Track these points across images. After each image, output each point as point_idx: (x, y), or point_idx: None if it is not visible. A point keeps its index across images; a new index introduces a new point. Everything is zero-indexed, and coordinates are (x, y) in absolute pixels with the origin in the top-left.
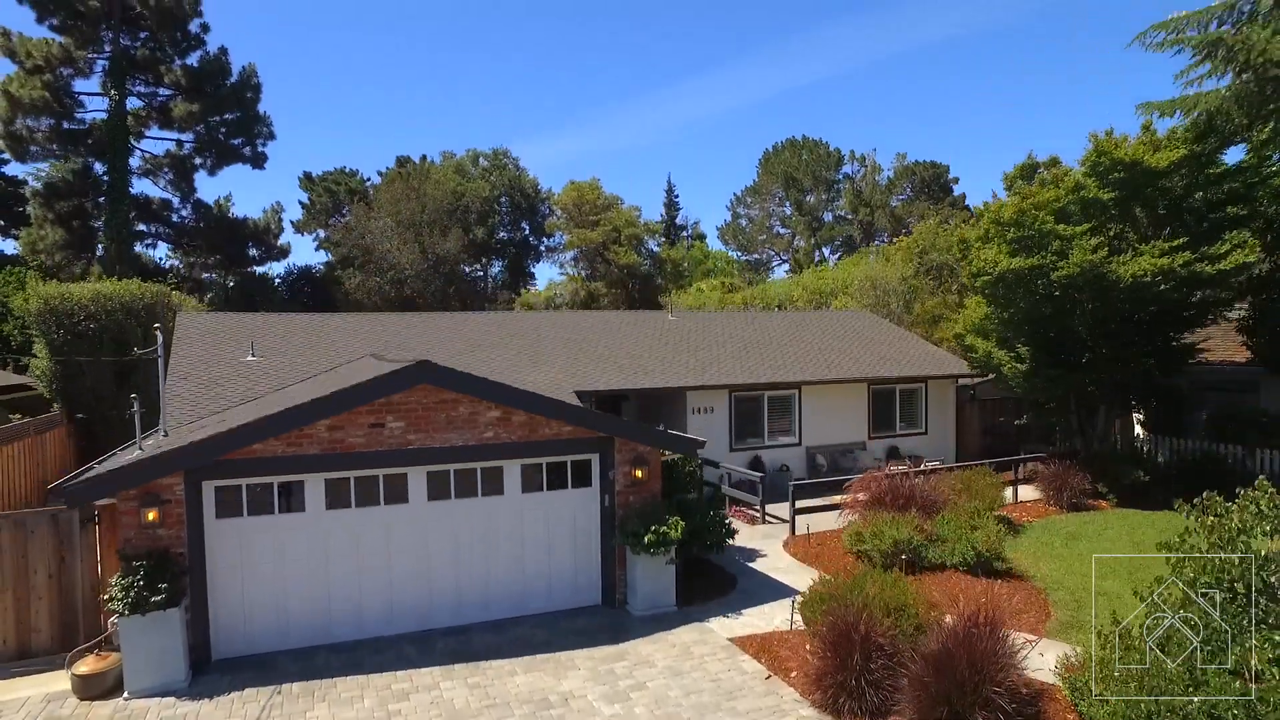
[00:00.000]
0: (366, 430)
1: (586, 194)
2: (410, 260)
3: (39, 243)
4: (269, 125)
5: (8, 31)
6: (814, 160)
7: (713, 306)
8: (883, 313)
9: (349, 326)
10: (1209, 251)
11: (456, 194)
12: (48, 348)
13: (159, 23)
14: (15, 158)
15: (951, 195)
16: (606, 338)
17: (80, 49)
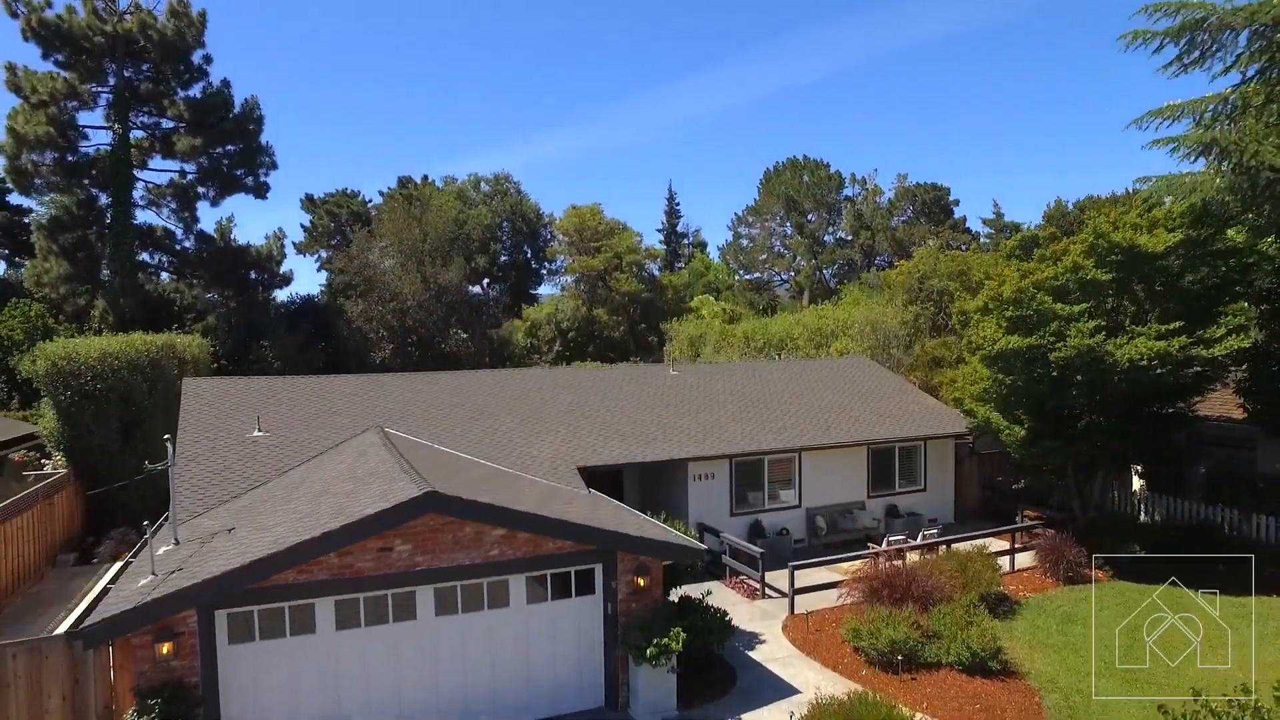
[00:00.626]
0: (375, 555)
1: (588, 220)
2: (412, 290)
3: (43, 275)
4: (271, 155)
5: (13, 66)
6: (815, 183)
7: (714, 337)
8: (883, 356)
9: (353, 391)
10: (1205, 335)
11: (459, 221)
12: (55, 409)
13: (162, 55)
14: (20, 191)
15: (952, 218)
16: (608, 400)
17: (84, 83)
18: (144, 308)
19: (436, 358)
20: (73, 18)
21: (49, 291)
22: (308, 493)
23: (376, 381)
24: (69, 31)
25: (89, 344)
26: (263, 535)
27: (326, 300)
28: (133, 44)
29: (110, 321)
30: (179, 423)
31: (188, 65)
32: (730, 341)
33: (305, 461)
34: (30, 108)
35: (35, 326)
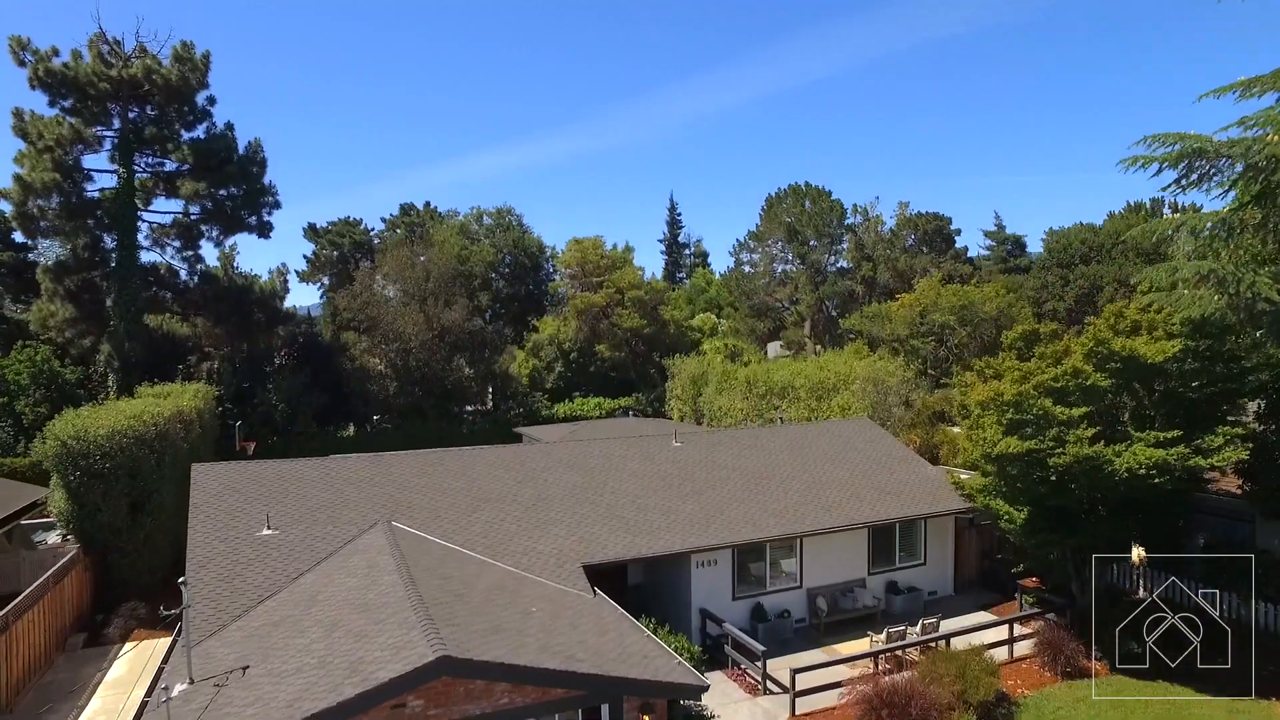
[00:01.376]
0: (388, 712)
1: (589, 253)
2: (415, 330)
3: (49, 319)
4: (274, 194)
5: (20, 111)
6: (817, 212)
7: (716, 377)
8: (883, 410)
9: (360, 476)
10: (1204, 444)
11: (461, 258)
12: (65, 489)
13: (166, 98)
14: (26, 235)
15: (954, 247)
16: (612, 480)
17: (89, 126)
18: (149, 349)
19: (440, 396)
20: (79, 64)
21: (55, 335)
22: (319, 620)
23: (383, 464)
24: (75, 79)
25: (97, 420)
26: (277, 687)
27: (329, 339)
28: (137, 88)
29: (116, 366)
30: (189, 516)
31: (191, 107)
32: (732, 384)
33: (317, 564)
34: (36, 152)
35: (41, 371)
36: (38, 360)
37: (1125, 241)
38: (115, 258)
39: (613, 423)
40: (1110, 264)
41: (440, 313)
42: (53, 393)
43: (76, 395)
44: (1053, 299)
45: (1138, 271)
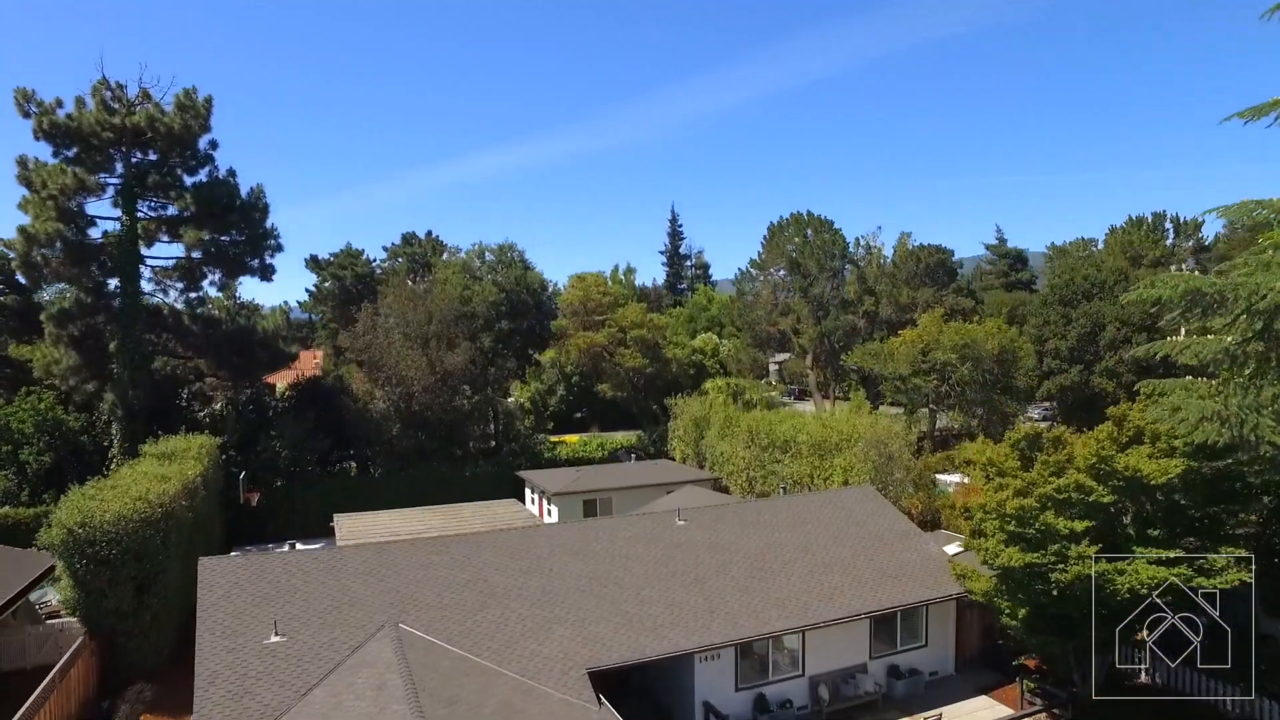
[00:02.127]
0: None
1: (592, 291)
2: (418, 375)
3: (53, 366)
4: (276, 237)
5: (25, 160)
6: (819, 245)
7: (718, 421)
8: (885, 475)
9: (366, 570)
10: (1207, 564)
11: (463, 299)
12: (71, 577)
13: (168, 145)
14: (31, 284)
15: (956, 280)
16: (616, 569)
17: (92, 173)
18: (153, 395)
19: (443, 438)
20: (83, 115)
21: (59, 383)
22: None
23: (388, 556)
24: (79, 129)
25: (103, 504)
26: None
27: (332, 381)
28: (140, 135)
29: (119, 415)
30: (196, 618)
31: (194, 152)
32: (735, 430)
33: (325, 676)
34: (40, 200)
35: (46, 420)
36: (41, 408)
37: (1128, 279)
38: (119, 304)
39: (615, 469)
40: (1113, 302)
41: (443, 356)
42: (57, 440)
43: (80, 443)
44: (1054, 337)
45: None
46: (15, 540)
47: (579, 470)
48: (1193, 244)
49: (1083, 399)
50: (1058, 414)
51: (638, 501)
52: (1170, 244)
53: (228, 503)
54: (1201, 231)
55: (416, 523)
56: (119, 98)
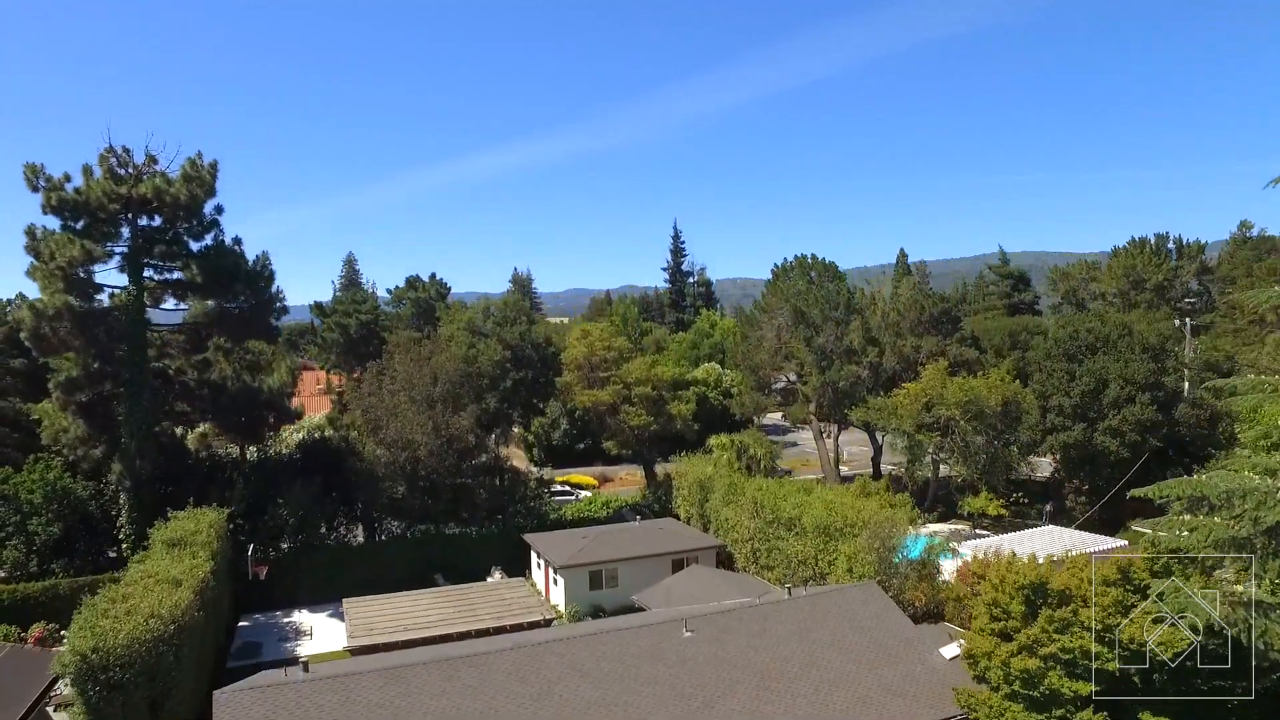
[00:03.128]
0: None
1: (596, 345)
2: (424, 439)
3: (60, 435)
4: (281, 300)
5: (33, 230)
6: (823, 296)
7: (722, 487)
8: (888, 568)
9: (380, 699)
10: None
11: (468, 360)
12: (84, 705)
13: (174, 214)
14: (39, 353)
15: (960, 330)
16: (625, 692)
17: (100, 243)
18: (162, 463)
19: (449, 500)
20: (90, 188)
21: (67, 453)
22: None
23: (401, 686)
24: (86, 203)
25: (116, 626)
26: None
27: (338, 441)
28: (146, 205)
29: (127, 486)
30: None
31: (199, 219)
32: (738, 501)
33: None
34: (47, 271)
35: (54, 489)
36: (50, 478)
37: (1132, 334)
38: (126, 374)
39: (621, 533)
40: (1116, 358)
41: (448, 420)
42: (65, 510)
43: (89, 512)
44: (1058, 392)
45: (1142, 364)
46: (23, 617)
47: (585, 536)
48: (1196, 265)
49: (1086, 456)
50: (1061, 469)
51: (643, 573)
52: (1174, 264)
53: (237, 577)
54: (1204, 254)
55: (425, 611)
56: (125, 161)
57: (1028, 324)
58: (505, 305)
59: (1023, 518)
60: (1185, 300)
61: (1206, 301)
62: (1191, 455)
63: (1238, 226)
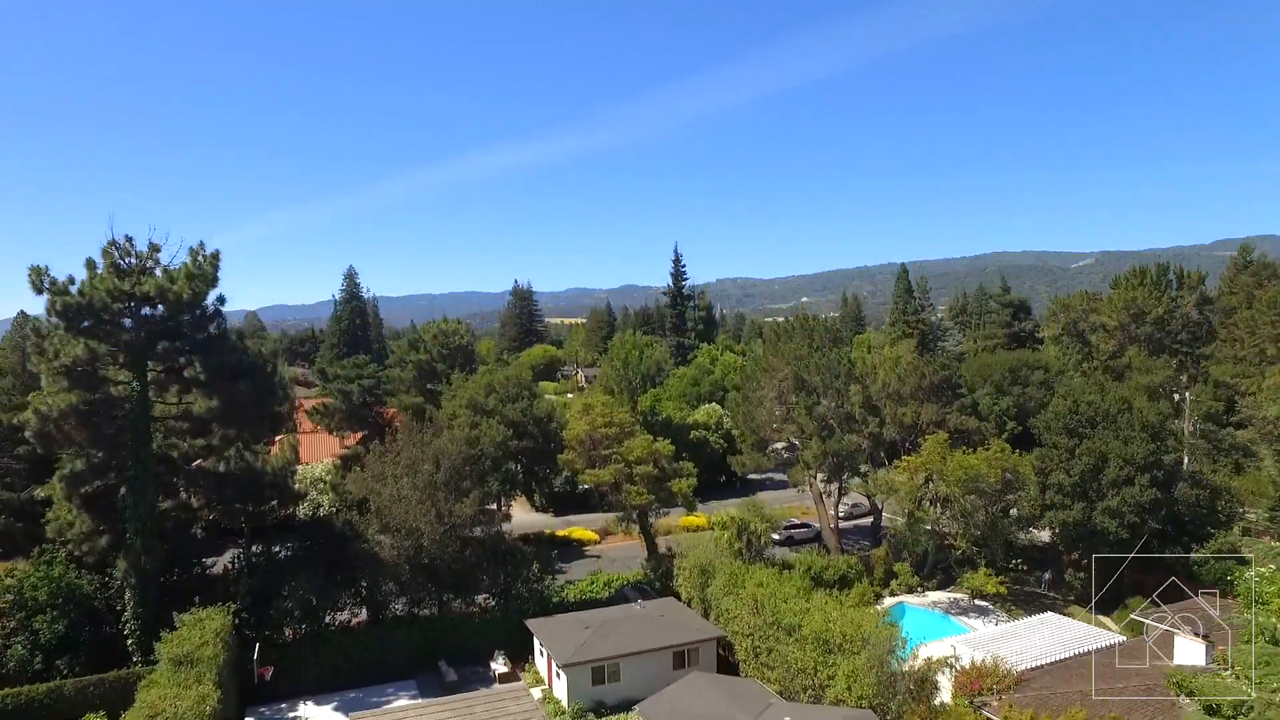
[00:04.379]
0: None
1: (598, 422)
2: (428, 526)
3: (66, 529)
4: (286, 388)
5: (39, 327)
6: (825, 364)
7: (724, 576)
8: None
9: None
10: None
11: (471, 441)
12: None
13: (177, 309)
14: (44, 451)
15: (961, 399)
16: None
17: (104, 341)
18: (167, 557)
19: (452, 586)
20: (94, 290)
21: (72, 548)
22: None
23: None
24: (90, 305)
25: None
26: None
27: (342, 525)
28: (149, 301)
29: (133, 582)
30: None
31: (203, 310)
32: (739, 593)
33: None
34: (51, 371)
35: (59, 586)
36: (55, 575)
37: (1131, 409)
38: (130, 469)
39: (623, 625)
40: (1116, 434)
41: (451, 507)
42: (70, 606)
43: (94, 607)
44: (1059, 469)
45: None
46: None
47: (587, 626)
48: (1196, 295)
49: (1084, 534)
50: (1061, 543)
51: (645, 668)
52: (1174, 294)
53: (243, 677)
54: (1204, 284)
55: None
56: (128, 253)
57: (1028, 359)
58: (508, 381)
59: (1021, 584)
60: (1182, 344)
61: (1207, 330)
62: (1190, 534)
63: (1238, 251)
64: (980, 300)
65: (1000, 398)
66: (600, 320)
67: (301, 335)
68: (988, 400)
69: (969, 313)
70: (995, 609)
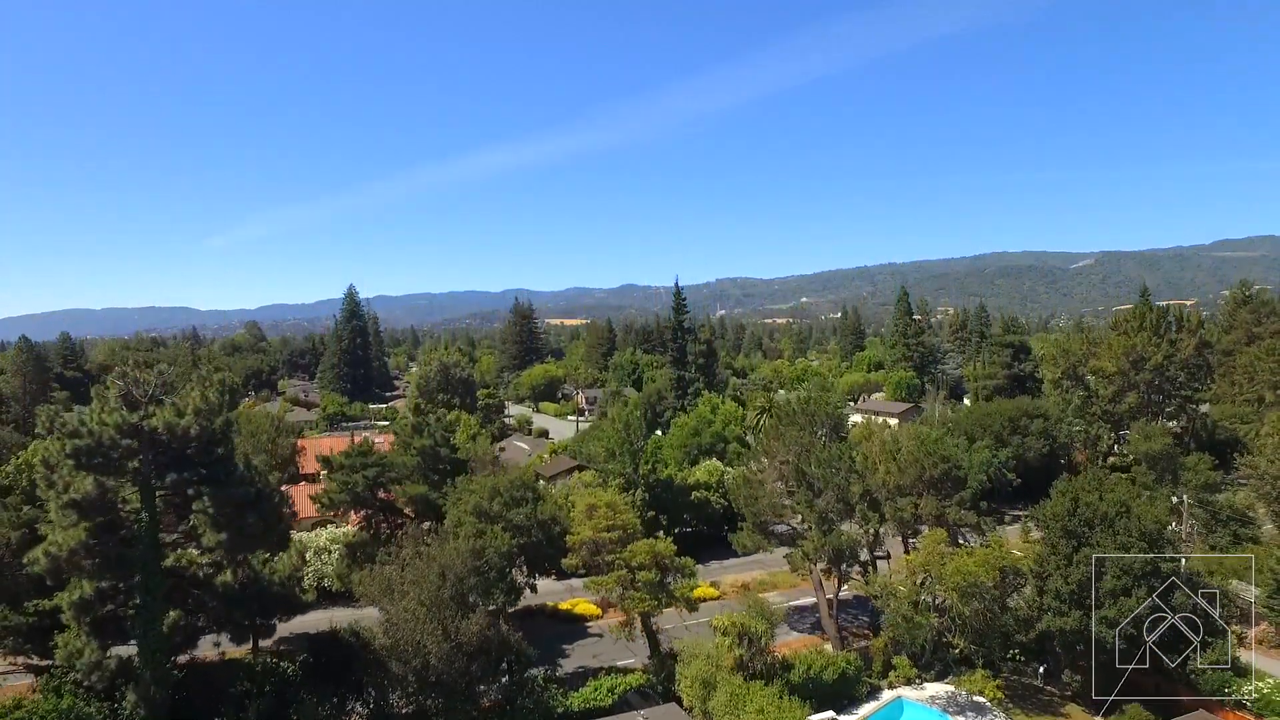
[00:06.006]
0: None
1: (602, 524)
2: (435, 645)
3: (74, 658)
4: (289, 504)
5: (47, 459)
6: (827, 460)
7: (726, 694)
8: None
9: None
10: None
11: (477, 552)
12: None
13: (184, 444)
14: (52, 581)
15: (962, 491)
16: None
17: (113, 476)
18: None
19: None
20: (104, 428)
21: (81, 677)
22: None
23: None
24: (99, 445)
25: None
26: None
27: (348, 636)
28: (157, 435)
29: (142, 715)
30: None
31: (210, 438)
32: (743, 707)
33: None
34: (60, 506)
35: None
36: (63, 708)
37: (1130, 513)
38: (139, 600)
39: None
40: (1113, 540)
41: (458, 625)
42: None
43: None
44: (1056, 574)
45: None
46: None
47: None
48: (1196, 340)
49: (1081, 640)
50: (1059, 645)
51: None
52: (1174, 336)
53: None
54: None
55: None
56: (137, 382)
57: (1027, 408)
58: (512, 485)
59: (1019, 674)
60: (1181, 386)
61: (1206, 373)
62: (1189, 642)
63: (1237, 285)
64: (980, 319)
65: (1000, 449)
66: (601, 336)
67: (302, 348)
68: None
69: (969, 330)
70: (993, 706)
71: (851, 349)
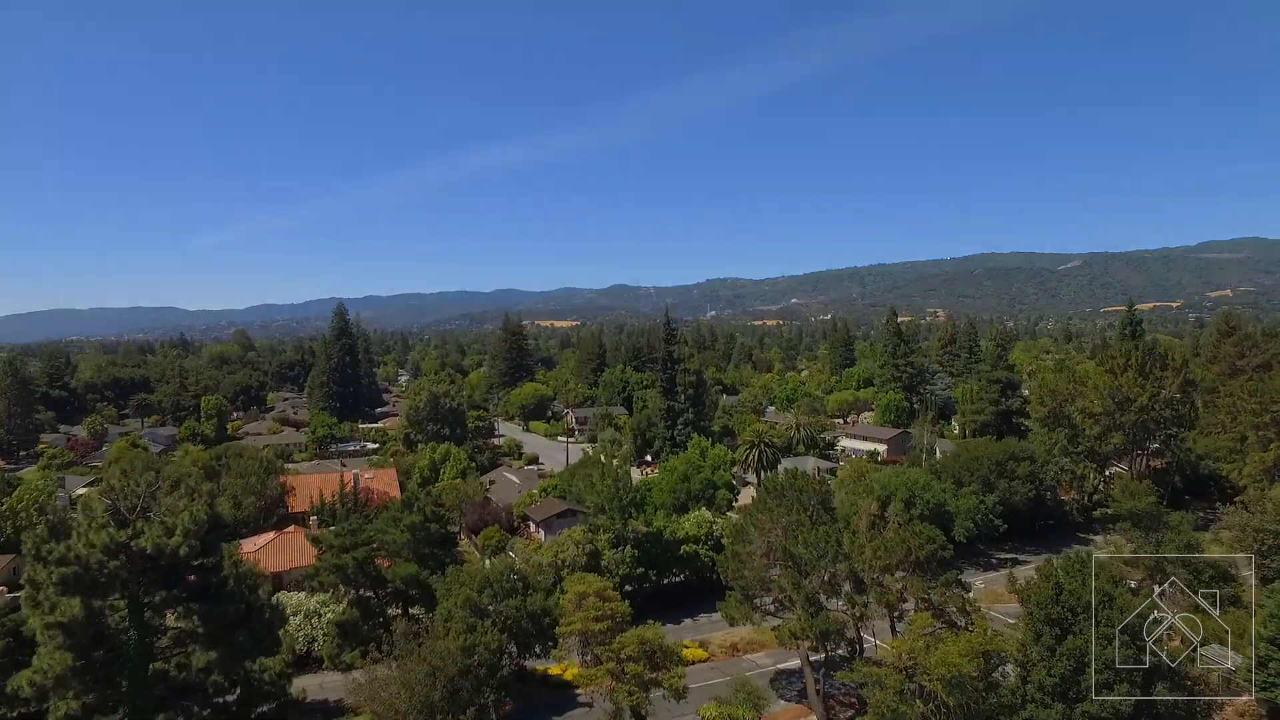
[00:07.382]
0: None
1: (590, 615)
2: None
3: None
4: (280, 615)
5: (34, 580)
6: (814, 541)
7: None
8: None
9: None
10: None
11: (467, 650)
12: None
13: (173, 562)
14: (38, 703)
15: (947, 572)
16: None
17: (100, 598)
18: None
19: None
20: (91, 550)
21: None
22: None
23: None
24: (87, 569)
25: None
26: None
27: None
28: (145, 555)
29: None
30: None
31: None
32: None
33: None
34: (47, 632)
35: None
36: None
37: (1112, 604)
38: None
39: None
40: (1097, 633)
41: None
42: None
43: None
44: (1039, 665)
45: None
46: None
47: None
48: (1180, 379)
49: None
50: None
51: None
52: (1159, 375)
53: None
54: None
55: None
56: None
57: (1014, 449)
58: (502, 575)
59: None
60: (1166, 423)
61: (1190, 409)
62: None
63: (1221, 318)
64: (969, 335)
65: (987, 494)
66: (590, 352)
67: (292, 359)
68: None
69: (958, 345)
70: None
71: (841, 363)
